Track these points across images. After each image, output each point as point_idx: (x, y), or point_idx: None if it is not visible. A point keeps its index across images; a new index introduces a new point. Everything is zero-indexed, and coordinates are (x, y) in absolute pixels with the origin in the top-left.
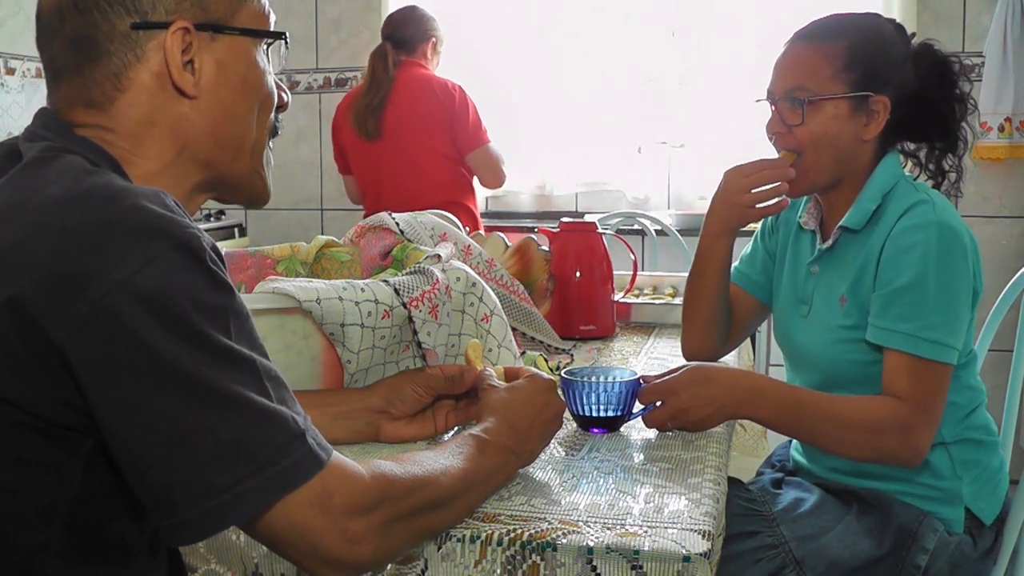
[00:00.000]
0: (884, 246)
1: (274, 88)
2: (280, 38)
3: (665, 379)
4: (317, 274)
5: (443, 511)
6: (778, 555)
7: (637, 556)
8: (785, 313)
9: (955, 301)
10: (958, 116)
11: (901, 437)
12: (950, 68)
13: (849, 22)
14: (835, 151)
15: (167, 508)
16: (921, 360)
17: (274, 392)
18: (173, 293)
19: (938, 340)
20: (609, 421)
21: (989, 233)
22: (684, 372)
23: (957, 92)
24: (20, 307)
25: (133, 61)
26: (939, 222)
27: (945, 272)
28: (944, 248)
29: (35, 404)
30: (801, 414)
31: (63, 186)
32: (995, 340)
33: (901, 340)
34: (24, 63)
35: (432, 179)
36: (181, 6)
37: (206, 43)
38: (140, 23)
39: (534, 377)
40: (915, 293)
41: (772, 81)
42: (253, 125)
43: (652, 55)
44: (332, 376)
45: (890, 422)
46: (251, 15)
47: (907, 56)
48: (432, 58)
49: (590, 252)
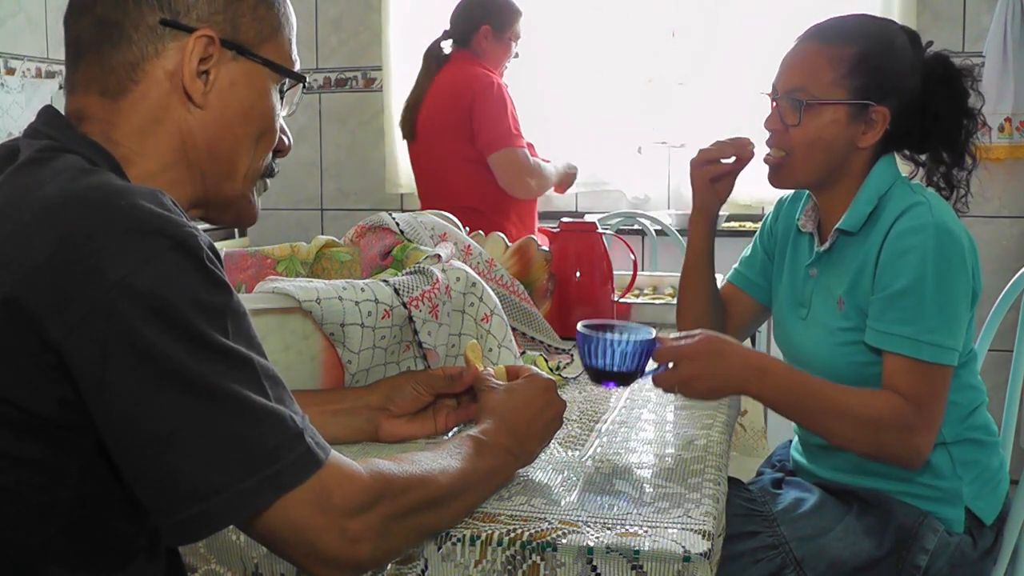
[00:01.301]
0: (881, 249)
1: (278, 128)
2: (300, 81)
3: (680, 344)
4: (317, 274)
5: (441, 510)
6: (778, 555)
7: (637, 556)
8: (784, 316)
9: (953, 303)
10: (965, 131)
11: (902, 435)
12: (960, 83)
13: (863, 28)
14: (827, 155)
15: (165, 507)
16: (921, 363)
17: (272, 391)
18: (171, 292)
19: (937, 343)
20: (622, 376)
21: (989, 233)
22: (699, 340)
23: (966, 107)
24: (17, 306)
25: (152, 55)
26: (936, 224)
27: (942, 274)
28: (941, 250)
29: (32, 403)
30: (805, 400)
31: (60, 185)
32: (995, 340)
33: (901, 343)
34: (24, 63)
35: (456, 185)
36: (214, 17)
37: (226, 59)
38: (169, 20)
39: (534, 377)
40: (913, 296)
41: (777, 76)
42: (250, 152)
43: (652, 55)
44: (332, 376)
45: (892, 418)
46: (277, 50)
47: (916, 68)
48: (492, 48)
49: (590, 252)
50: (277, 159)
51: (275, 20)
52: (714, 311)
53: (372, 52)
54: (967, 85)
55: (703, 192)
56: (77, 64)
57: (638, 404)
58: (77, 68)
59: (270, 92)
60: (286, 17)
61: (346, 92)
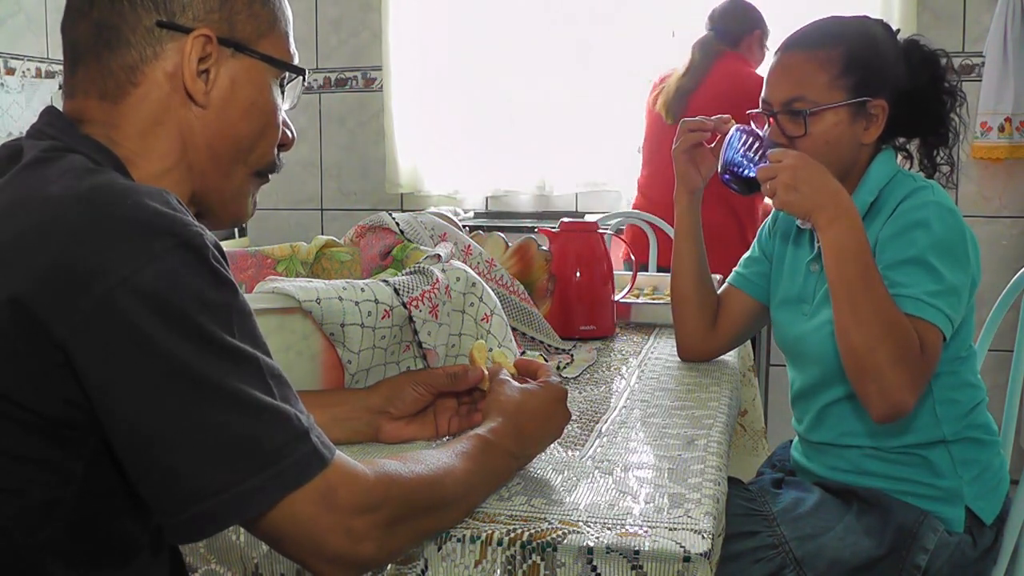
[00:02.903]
0: (884, 227)
1: (280, 123)
2: (299, 74)
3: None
4: (317, 274)
5: (446, 511)
6: (778, 555)
7: (637, 556)
8: (785, 315)
9: (953, 275)
10: (949, 108)
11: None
12: (939, 63)
13: (841, 27)
14: (835, 157)
15: (170, 506)
16: (923, 321)
17: (277, 390)
18: (176, 291)
19: (939, 306)
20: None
21: (989, 233)
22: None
23: (947, 85)
24: (22, 305)
25: (151, 57)
26: (938, 203)
27: (946, 247)
28: (944, 227)
29: (37, 402)
30: (857, 269)
31: (65, 184)
32: (995, 340)
33: (904, 302)
34: (24, 63)
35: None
36: (210, 16)
37: (225, 58)
38: (166, 22)
39: (550, 385)
40: (916, 265)
41: (767, 92)
42: (252, 150)
43: (652, 55)
44: (332, 376)
45: (916, 359)
46: (276, 45)
47: (899, 56)
48: (758, 52)
49: (590, 252)
50: (282, 153)
51: (271, 14)
52: (701, 288)
53: (372, 52)
54: (943, 64)
55: (683, 165)
56: (75, 68)
57: (638, 404)
58: (75, 72)
59: (271, 87)
60: (282, 11)
61: (346, 92)
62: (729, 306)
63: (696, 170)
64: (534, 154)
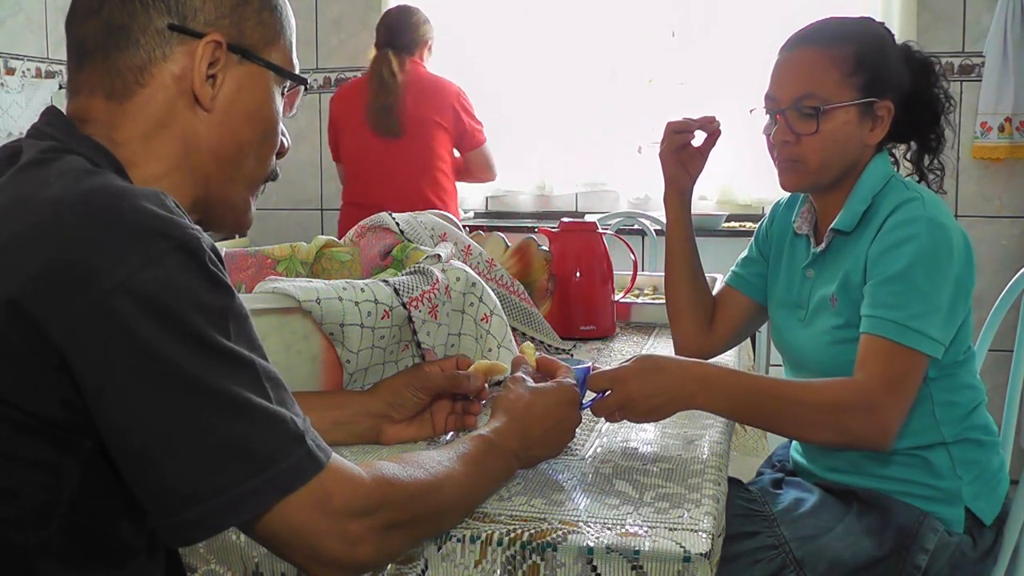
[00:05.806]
0: (873, 242)
1: (280, 130)
2: (302, 84)
3: (614, 368)
4: (317, 274)
5: (445, 516)
6: (778, 555)
7: (637, 556)
8: (782, 319)
9: (939, 295)
10: (943, 113)
11: (865, 415)
12: (934, 68)
13: (851, 26)
14: (842, 157)
15: (165, 509)
16: (902, 347)
17: (273, 393)
18: (173, 294)
19: (922, 330)
20: None
21: (989, 233)
22: (634, 361)
23: (942, 91)
24: (19, 307)
25: (159, 59)
26: (928, 218)
27: (932, 266)
28: (933, 242)
29: (34, 404)
30: (756, 400)
31: (63, 186)
32: (995, 340)
33: (886, 327)
34: (24, 63)
35: (432, 178)
36: (220, 22)
37: (233, 64)
38: (177, 25)
39: (563, 387)
40: (902, 283)
41: (774, 88)
42: (253, 156)
43: (652, 55)
44: (332, 376)
45: (853, 400)
46: (280, 53)
47: (902, 59)
48: (428, 58)
49: (590, 252)
50: (276, 160)
51: (278, 23)
52: (695, 289)
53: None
54: (937, 69)
55: (672, 166)
56: (81, 67)
57: None
58: (81, 70)
59: (274, 95)
60: (288, 20)
61: None
62: (726, 306)
63: (684, 171)
64: (534, 154)
